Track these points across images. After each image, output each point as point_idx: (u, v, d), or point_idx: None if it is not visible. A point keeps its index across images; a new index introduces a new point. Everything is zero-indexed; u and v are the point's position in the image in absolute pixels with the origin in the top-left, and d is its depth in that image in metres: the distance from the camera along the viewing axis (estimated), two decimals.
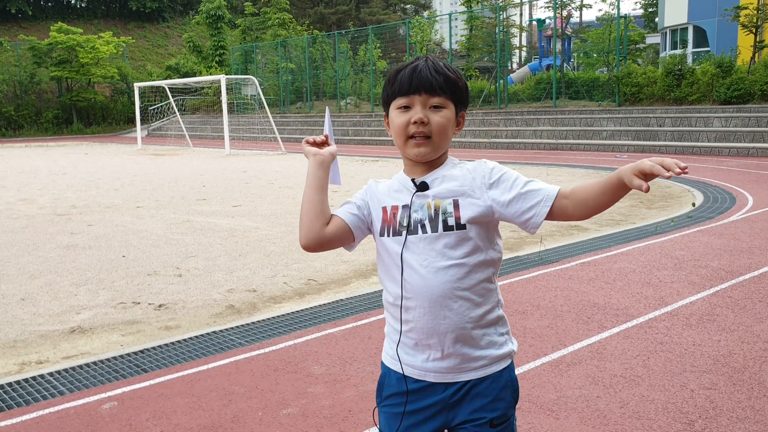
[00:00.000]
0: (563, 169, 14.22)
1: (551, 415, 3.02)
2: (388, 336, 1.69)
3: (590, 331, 4.10)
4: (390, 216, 1.61)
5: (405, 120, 1.56)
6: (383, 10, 53.26)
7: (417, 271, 1.56)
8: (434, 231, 1.56)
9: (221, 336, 4.25)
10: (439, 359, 1.58)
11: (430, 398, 1.60)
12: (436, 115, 1.56)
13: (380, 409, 1.70)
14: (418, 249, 1.56)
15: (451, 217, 1.56)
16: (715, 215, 8.04)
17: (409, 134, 1.56)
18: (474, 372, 1.59)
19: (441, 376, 1.59)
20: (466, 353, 1.58)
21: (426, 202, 1.58)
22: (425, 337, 1.58)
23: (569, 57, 27.29)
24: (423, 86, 1.54)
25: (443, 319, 1.55)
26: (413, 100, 1.56)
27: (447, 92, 1.56)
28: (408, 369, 1.61)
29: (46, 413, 3.21)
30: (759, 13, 18.78)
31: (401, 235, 1.58)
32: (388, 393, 1.66)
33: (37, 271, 6.21)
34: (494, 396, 1.60)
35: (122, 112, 40.43)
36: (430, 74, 1.55)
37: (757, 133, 15.92)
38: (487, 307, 1.60)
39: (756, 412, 3.00)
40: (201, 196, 11.32)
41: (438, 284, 1.55)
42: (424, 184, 1.59)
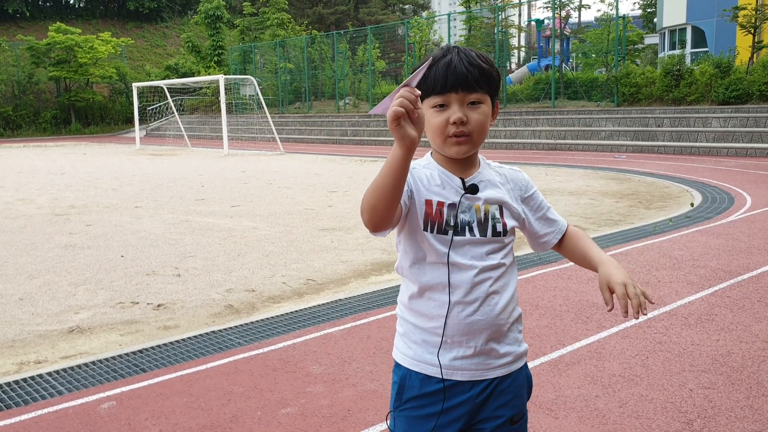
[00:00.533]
0: (562, 170, 14.22)
1: (550, 414, 3.02)
2: (407, 337, 1.63)
3: (589, 331, 4.10)
4: (436, 212, 1.54)
5: (443, 120, 1.51)
6: (382, 10, 53.28)
7: (460, 270, 1.54)
8: (483, 235, 1.55)
9: (220, 336, 4.24)
10: (469, 357, 1.56)
11: (458, 397, 1.58)
12: (474, 113, 1.51)
13: (398, 413, 1.63)
14: (463, 251, 1.54)
15: (498, 223, 1.57)
16: (714, 215, 8.05)
17: (449, 134, 1.51)
18: (500, 369, 1.60)
19: (469, 374, 1.57)
20: (495, 350, 1.58)
21: (474, 204, 1.56)
22: (460, 334, 1.56)
23: (568, 57, 27.32)
24: (459, 83, 1.48)
25: (481, 315, 1.55)
26: (449, 98, 1.50)
27: (483, 86, 1.51)
28: (433, 369, 1.57)
29: (44, 413, 3.21)
30: (757, 14, 18.82)
31: (447, 235, 1.54)
32: (410, 395, 1.60)
33: (35, 271, 6.20)
34: (515, 393, 1.62)
35: (121, 112, 40.43)
36: (465, 69, 1.49)
37: (756, 134, 15.95)
38: (513, 304, 1.62)
39: (754, 411, 3.00)
40: (199, 196, 11.32)
41: (478, 284, 1.55)
42: (474, 186, 1.56)
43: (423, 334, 1.59)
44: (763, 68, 17.44)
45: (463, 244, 1.54)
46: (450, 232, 1.54)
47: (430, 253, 1.56)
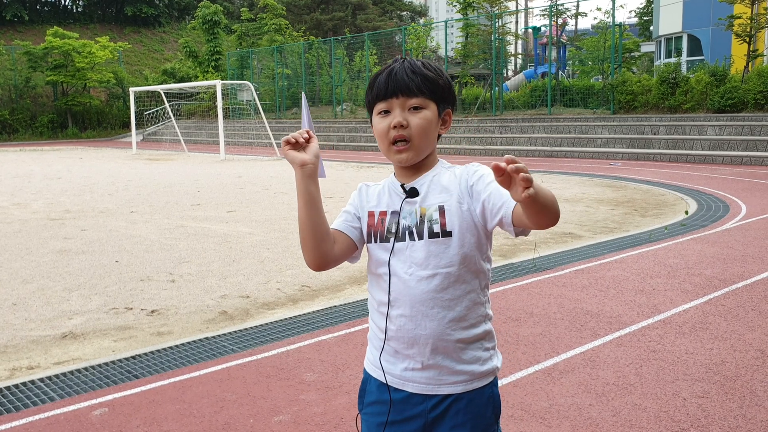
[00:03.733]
0: (558, 177, 14.25)
1: (543, 423, 3.01)
2: (371, 342, 1.66)
3: (583, 339, 4.10)
4: (378, 221, 1.58)
5: (385, 125, 1.53)
6: (379, 16, 53.41)
7: (401, 278, 1.53)
8: (420, 238, 1.52)
9: (214, 342, 4.23)
10: (419, 369, 1.54)
11: (411, 409, 1.56)
12: (415, 117, 1.51)
13: (363, 416, 1.67)
14: (404, 256, 1.53)
15: (436, 224, 1.51)
16: (709, 223, 8.07)
17: (391, 139, 1.53)
18: (454, 386, 1.54)
19: (420, 386, 1.55)
20: (447, 366, 1.53)
21: (414, 208, 1.55)
22: (405, 346, 1.54)
23: (564, 65, 27.40)
24: (400, 89, 1.51)
25: (423, 329, 1.51)
26: (392, 103, 1.53)
27: (425, 92, 1.52)
28: (389, 377, 1.58)
29: (36, 419, 3.19)
30: (752, 23, 18.91)
31: (389, 242, 1.55)
32: (369, 400, 1.63)
33: (29, 276, 6.18)
34: (475, 413, 1.55)
35: (117, 116, 40.42)
36: (406, 76, 1.51)
37: (751, 142, 16.01)
38: (471, 320, 1.54)
39: (747, 420, 3.00)
40: (195, 202, 11.30)
41: (419, 293, 1.51)
42: (414, 190, 1.56)
43: (377, 341, 1.61)
44: (759, 77, 17.52)
45: (403, 249, 1.53)
46: (391, 239, 1.54)
47: (376, 264, 1.57)
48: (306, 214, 1.52)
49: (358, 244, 1.61)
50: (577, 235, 7.74)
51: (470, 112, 24.30)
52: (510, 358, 3.79)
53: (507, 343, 4.03)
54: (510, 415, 3.09)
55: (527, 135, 20.93)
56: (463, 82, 25.58)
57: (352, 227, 1.60)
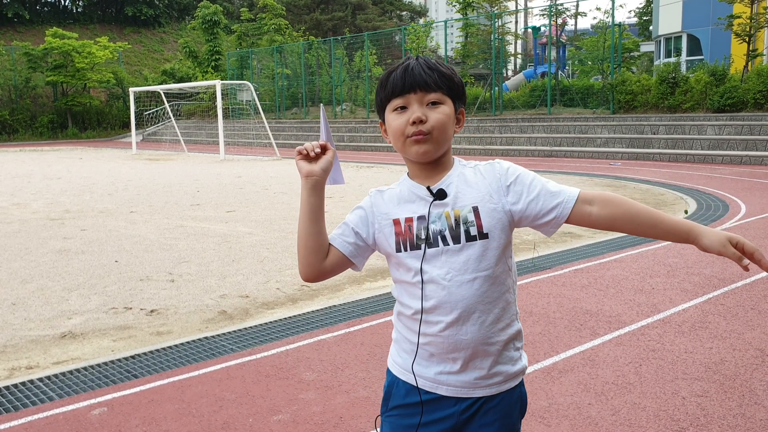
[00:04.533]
0: (557, 176, 14.25)
1: (543, 422, 3.01)
2: (398, 344, 1.60)
3: (582, 338, 4.10)
4: (405, 229, 1.51)
5: (403, 121, 1.49)
6: (379, 16, 53.42)
7: (440, 284, 1.48)
8: (456, 242, 1.47)
9: (213, 342, 4.23)
10: (455, 373, 1.52)
11: (441, 411, 1.54)
12: (434, 112, 1.48)
13: (384, 418, 1.61)
14: (439, 262, 1.48)
15: (473, 226, 1.47)
16: (708, 223, 8.07)
17: (408, 135, 1.48)
18: (488, 389, 1.53)
19: (454, 390, 1.52)
20: (483, 368, 1.52)
21: (444, 211, 1.49)
22: (444, 351, 1.51)
23: (564, 64, 27.41)
24: (417, 84, 1.47)
25: (465, 334, 1.48)
26: (409, 99, 1.48)
27: (443, 88, 1.49)
28: (420, 380, 1.54)
29: (35, 419, 3.19)
30: (752, 22, 18.92)
31: (420, 249, 1.49)
32: (395, 403, 1.58)
33: (29, 276, 6.17)
34: (504, 413, 1.55)
35: (117, 116, 40.43)
36: (423, 71, 1.48)
37: (750, 141, 16.01)
38: (507, 320, 1.53)
39: (747, 419, 3.00)
40: (195, 202, 11.30)
41: (462, 298, 1.47)
42: (442, 192, 1.49)
43: (410, 345, 1.56)
44: (758, 76, 17.53)
45: (438, 255, 1.48)
46: (422, 245, 1.48)
47: (405, 271, 1.52)
48: (303, 224, 1.53)
49: (353, 259, 1.56)
50: (577, 234, 7.74)
51: (470, 112, 24.29)
52: None
53: None
54: None
55: (527, 135, 20.93)
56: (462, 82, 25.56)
57: (347, 242, 1.55)
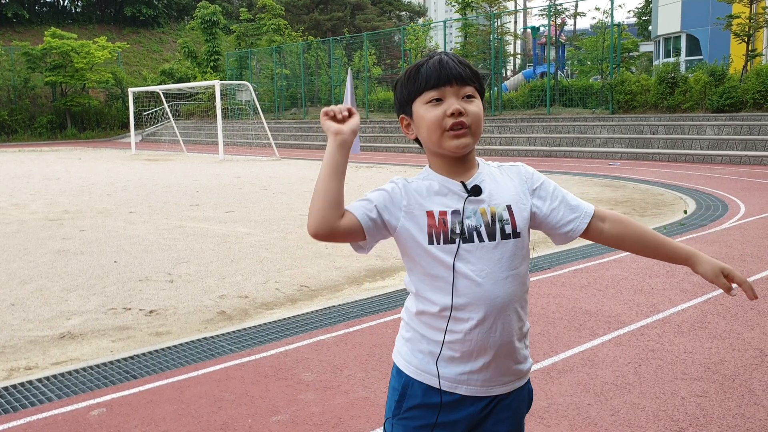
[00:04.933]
0: (557, 177, 14.25)
1: (542, 422, 3.01)
2: (413, 344, 1.56)
3: (582, 338, 4.10)
4: (439, 222, 1.47)
5: (439, 113, 1.46)
6: (378, 16, 53.41)
7: (474, 281, 1.46)
8: (492, 239, 1.47)
9: (212, 342, 4.23)
10: (477, 372, 1.51)
11: (460, 412, 1.52)
12: (471, 105, 1.48)
13: (397, 421, 1.56)
14: (474, 258, 1.46)
15: (507, 224, 1.48)
16: (708, 223, 8.07)
17: (446, 127, 1.46)
18: (504, 386, 1.54)
19: (473, 389, 1.52)
20: (504, 367, 1.52)
21: (479, 208, 1.48)
22: (471, 350, 1.49)
23: (563, 65, 27.41)
24: (454, 76, 1.47)
25: (495, 332, 1.48)
26: (445, 91, 1.47)
27: (475, 83, 1.50)
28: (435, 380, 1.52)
29: (33, 419, 3.18)
30: (751, 22, 18.93)
31: (454, 243, 1.46)
32: (411, 404, 1.54)
33: (27, 277, 6.17)
34: (515, 408, 1.57)
35: (116, 117, 40.39)
36: (457, 65, 1.48)
37: (749, 141, 16.02)
38: (524, 319, 1.56)
39: (746, 420, 3.00)
40: (194, 202, 11.30)
41: (499, 296, 1.47)
42: (477, 188, 1.49)
43: (430, 345, 1.52)
44: (757, 76, 17.53)
45: (473, 251, 1.46)
46: (457, 240, 1.46)
47: (434, 264, 1.48)
48: (326, 178, 1.45)
49: (368, 234, 1.49)
50: None
51: None
52: None
53: None
54: None
55: (526, 135, 20.94)
56: None
57: (368, 216, 1.49)
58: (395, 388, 1.57)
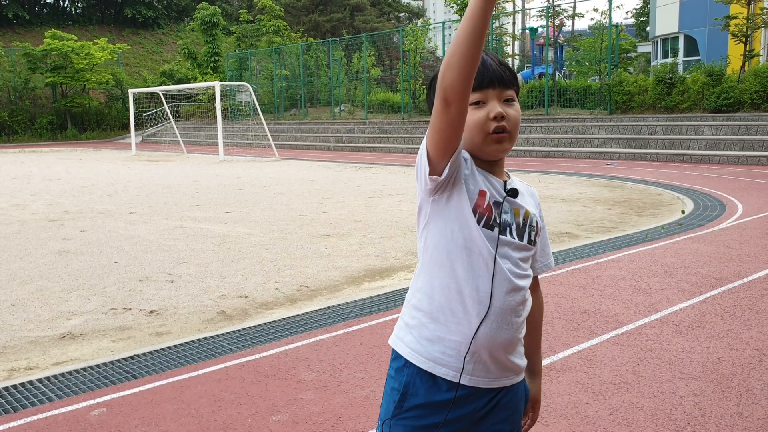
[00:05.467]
0: (555, 177, 14.27)
1: (540, 422, 3.03)
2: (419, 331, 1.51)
3: (580, 338, 4.11)
4: (487, 205, 1.46)
5: (483, 116, 1.46)
6: (377, 18, 53.43)
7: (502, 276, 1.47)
8: (520, 240, 1.51)
9: (212, 342, 4.24)
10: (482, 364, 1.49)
11: (463, 408, 1.50)
12: (511, 109, 1.49)
13: (396, 421, 1.51)
14: (504, 253, 1.48)
15: (534, 231, 1.54)
16: (705, 223, 8.09)
17: (488, 131, 1.46)
18: (505, 380, 1.54)
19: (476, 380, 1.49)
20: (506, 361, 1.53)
21: (514, 207, 1.51)
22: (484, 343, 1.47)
23: (561, 65, 27.43)
24: (496, 79, 1.46)
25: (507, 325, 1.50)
26: (487, 94, 1.46)
27: (515, 86, 1.51)
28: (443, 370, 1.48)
29: (34, 420, 3.20)
30: (748, 23, 18.96)
31: (493, 231, 1.46)
32: (414, 403, 1.49)
33: (28, 277, 6.18)
34: (515, 407, 1.58)
35: (117, 118, 40.40)
36: (498, 67, 1.48)
37: (747, 141, 16.04)
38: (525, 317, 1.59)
39: (744, 419, 3.02)
40: (194, 202, 11.31)
41: (510, 293, 1.49)
42: (515, 190, 1.52)
43: (442, 331, 1.47)
44: (755, 77, 17.56)
45: (504, 245, 1.48)
46: (496, 229, 1.47)
47: (475, 246, 1.45)
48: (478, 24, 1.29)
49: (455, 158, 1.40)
50: (574, 234, 7.76)
51: None
52: None
53: None
54: None
55: (525, 135, 20.95)
56: None
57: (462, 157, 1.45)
58: (395, 388, 1.52)
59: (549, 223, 8.47)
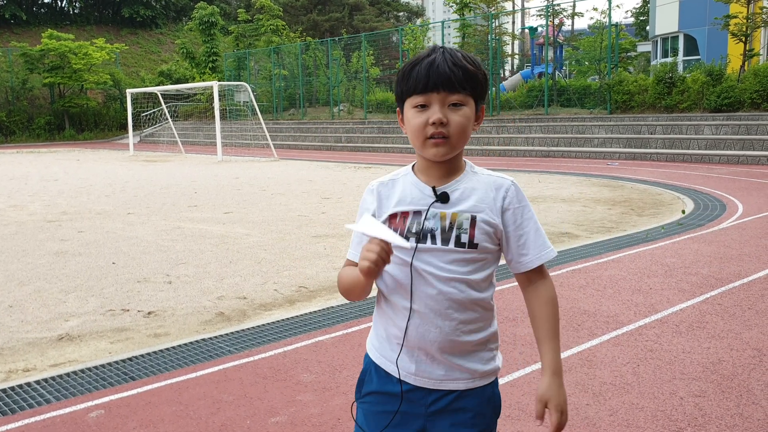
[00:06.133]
0: (555, 177, 14.26)
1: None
2: (376, 329, 1.64)
3: (580, 339, 4.10)
4: (399, 221, 1.54)
5: (422, 120, 1.47)
6: (376, 17, 53.43)
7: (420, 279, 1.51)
8: (445, 244, 1.50)
9: (210, 343, 4.22)
10: (426, 365, 1.55)
11: (412, 404, 1.56)
12: (455, 115, 1.47)
13: (359, 404, 1.65)
14: (426, 259, 1.51)
15: (465, 233, 1.50)
16: (705, 222, 8.08)
17: (427, 135, 1.48)
18: (456, 383, 1.55)
19: (423, 381, 1.56)
20: (452, 363, 1.54)
21: (440, 212, 1.51)
22: (418, 344, 1.54)
23: (561, 65, 27.44)
24: (441, 83, 1.45)
25: (435, 327, 1.52)
26: (431, 98, 1.46)
27: (467, 88, 1.47)
28: (392, 367, 1.57)
29: (32, 421, 3.18)
30: (748, 22, 18.96)
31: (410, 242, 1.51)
32: (368, 389, 1.62)
33: (26, 278, 6.16)
34: (476, 411, 1.56)
35: (115, 118, 40.35)
36: (448, 69, 1.45)
37: (747, 141, 16.04)
38: (480, 323, 1.56)
39: (744, 419, 3.00)
40: (192, 203, 11.29)
41: (436, 295, 1.51)
42: (445, 195, 1.52)
43: (387, 331, 1.60)
44: (755, 76, 17.56)
45: (425, 251, 1.50)
46: (411, 239, 1.50)
47: (396, 258, 1.52)
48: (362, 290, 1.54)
49: None
50: (574, 234, 7.75)
51: None
52: (507, 358, 3.79)
53: (504, 343, 4.03)
54: (507, 415, 3.08)
55: (524, 135, 20.95)
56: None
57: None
58: (361, 372, 1.67)
59: (549, 223, 8.46)
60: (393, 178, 1.61)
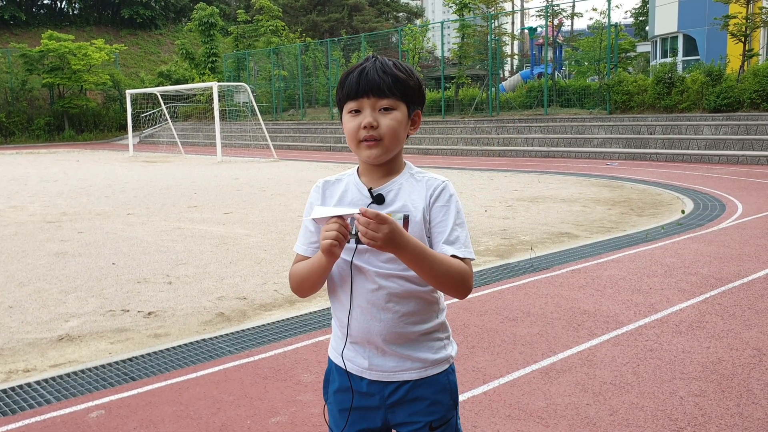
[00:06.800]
0: (554, 177, 14.27)
1: (540, 422, 3.01)
2: (334, 332, 1.71)
3: (580, 338, 4.10)
4: None
5: (355, 125, 1.55)
6: (376, 18, 53.44)
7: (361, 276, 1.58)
8: None
9: (210, 344, 4.22)
10: (375, 358, 1.61)
11: (371, 397, 1.63)
12: (385, 118, 1.54)
13: (327, 405, 1.72)
14: (364, 257, 1.57)
15: None
16: (705, 222, 8.09)
17: (360, 138, 1.56)
18: (409, 373, 1.61)
19: (377, 374, 1.62)
20: (402, 354, 1.60)
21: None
22: (363, 337, 1.61)
23: (560, 65, 27.46)
24: (371, 89, 1.53)
25: (378, 321, 1.58)
26: (362, 103, 1.55)
27: (396, 93, 1.54)
28: (350, 365, 1.64)
29: (32, 422, 3.18)
30: (748, 22, 18.97)
31: (350, 242, 1.55)
32: (333, 388, 1.69)
33: (25, 279, 6.16)
34: (432, 399, 1.62)
35: (114, 119, 40.35)
36: (377, 76, 1.53)
37: (747, 141, 16.05)
38: (423, 315, 1.61)
39: (744, 419, 3.00)
40: (192, 204, 11.29)
41: (376, 290, 1.57)
42: (380, 196, 1.59)
43: (337, 329, 1.68)
44: (754, 76, 17.57)
45: (364, 251, 1.56)
46: (352, 240, 1.54)
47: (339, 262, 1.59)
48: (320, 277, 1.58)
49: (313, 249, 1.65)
50: (574, 234, 7.75)
51: (467, 113, 24.32)
52: (507, 358, 3.79)
53: (504, 343, 4.03)
54: (507, 415, 3.09)
55: (524, 135, 20.96)
56: (459, 83, 25.60)
57: (314, 247, 1.63)
58: (325, 373, 1.75)
59: (549, 223, 8.47)
60: (339, 177, 1.69)
